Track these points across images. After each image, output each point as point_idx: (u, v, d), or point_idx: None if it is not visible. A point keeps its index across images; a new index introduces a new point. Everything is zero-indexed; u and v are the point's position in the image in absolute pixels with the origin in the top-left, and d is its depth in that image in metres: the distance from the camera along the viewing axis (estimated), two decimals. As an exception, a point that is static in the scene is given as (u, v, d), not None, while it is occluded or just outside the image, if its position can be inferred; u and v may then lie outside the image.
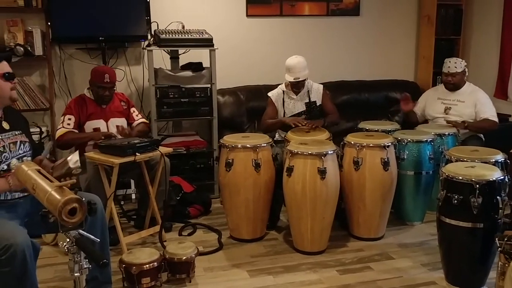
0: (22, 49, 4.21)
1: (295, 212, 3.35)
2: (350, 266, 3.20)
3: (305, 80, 3.96)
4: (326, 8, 5.20)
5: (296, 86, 3.98)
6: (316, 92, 4.08)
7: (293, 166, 3.28)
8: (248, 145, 3.47)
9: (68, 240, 1.86)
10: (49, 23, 4.35)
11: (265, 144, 3.52)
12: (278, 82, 4.24)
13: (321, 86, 4.13)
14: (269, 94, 4.08)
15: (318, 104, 4.07)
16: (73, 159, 2.39)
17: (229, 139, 3.59)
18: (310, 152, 3.25)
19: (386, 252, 3.40)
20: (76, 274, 1.88)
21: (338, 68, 5.29)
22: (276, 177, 3.56)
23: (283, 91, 4.06)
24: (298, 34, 5.17)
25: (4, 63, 2.46)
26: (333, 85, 4.89)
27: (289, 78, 3.89)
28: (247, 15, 5.01)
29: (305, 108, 4.03)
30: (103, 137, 3.54)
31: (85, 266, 1.89)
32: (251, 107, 4.76)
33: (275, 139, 4.00)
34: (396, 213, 3.90)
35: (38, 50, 4.33)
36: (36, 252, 2.24)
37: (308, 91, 4.05)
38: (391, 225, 3.77)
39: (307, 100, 4.04)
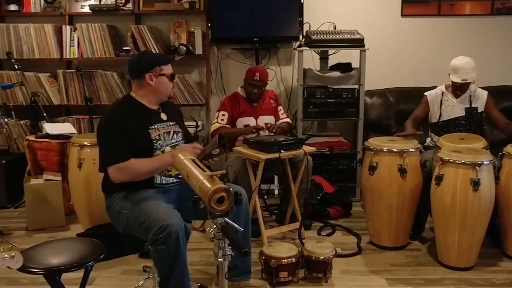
0: (184, 48, 4.58)
1: (442, 224, 3.16)
2: (501, 288, 2.94)
3: (470, 83, 3.70)
4: (490, 7, 4.81)
5: (460, 89, 3.74)
6: (479, 98, 3.78)
7: (443, 174, 3.09)
8: (394, 149, 3.36)
9: (214, 226, 1.98)
10: (209, 25, 4.67)
11: (413, 149, 3.37)
12: (431, 85, 4.04)
13: (486, 92, 3.81)
14: (426, 93, 3.90)
15: (479, 111, 3.78)
16: (213, 141, 2.58)
17: (375, 141, 3.50)
18: (463, 161, 3.03)
19: (546, 278, 3.05)
20: (219, 260, 2.00)
21: (502, 72, 4.85)
22: (423, 185, 3.39)
23: (442, 92, 3.84)
24: (457, 35, 4.86)
25: (170, 65, 2.71)
26: (495, 90, 4.45)
27: (456, 79, 3.66)
28: (402, 15, 4.84)
29: (464, 114, 3.77)
30: (254, 130, 3.71)
31: (228, 253, 2.00)
32: (400, 109, 4.60)
33: (425, 144, 3.82)
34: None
35: (198, 50, 4.68)
36: (187, 234, 2.42)
37: (470, 96, 3.77)
38: (555, 249, 3.37)
39: (468, 105, 3.77)
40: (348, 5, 4.83)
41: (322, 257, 2.97)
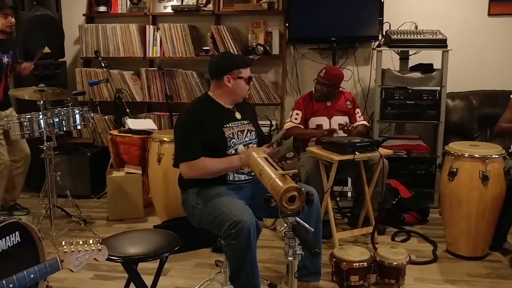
0: (262, 48, 4.63)
1: (526, 235, 2.98)
2: None
3: None
4: None
5: None
6: None
7: (529, 183, 2.92)
8: (476, 155, 3.20)
9: (285, 225, 1.99)
10: (286, 25, 4.68)
11: (496, 156, 3.20)
12: (518, 88, 3.82)
13: None
14: None
15: None
16: (287, 143, 2.59)
17: (456, 146, 3.36)
18: (552, 170, 2.84)
19: None
20: (289, 258, 2.01)
21: None
22: (506, 193, 3.21)
23: None
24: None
25: (248, 68, 2.75)
26: None
27: None
28: (489, 14, 4.60)
29: None
30: (325, 133, 3.68)
31: (298, 252, 2.00)
32: (484, 113, 4.38)
33: (510, 150, 3.61)
34: None
35: (275, 50, 4.72)
36: (258, 231, 2.45)
37: None
38: None
39: None
40: (431, 4, 4.66)
41: (395, 263, 2.89)
